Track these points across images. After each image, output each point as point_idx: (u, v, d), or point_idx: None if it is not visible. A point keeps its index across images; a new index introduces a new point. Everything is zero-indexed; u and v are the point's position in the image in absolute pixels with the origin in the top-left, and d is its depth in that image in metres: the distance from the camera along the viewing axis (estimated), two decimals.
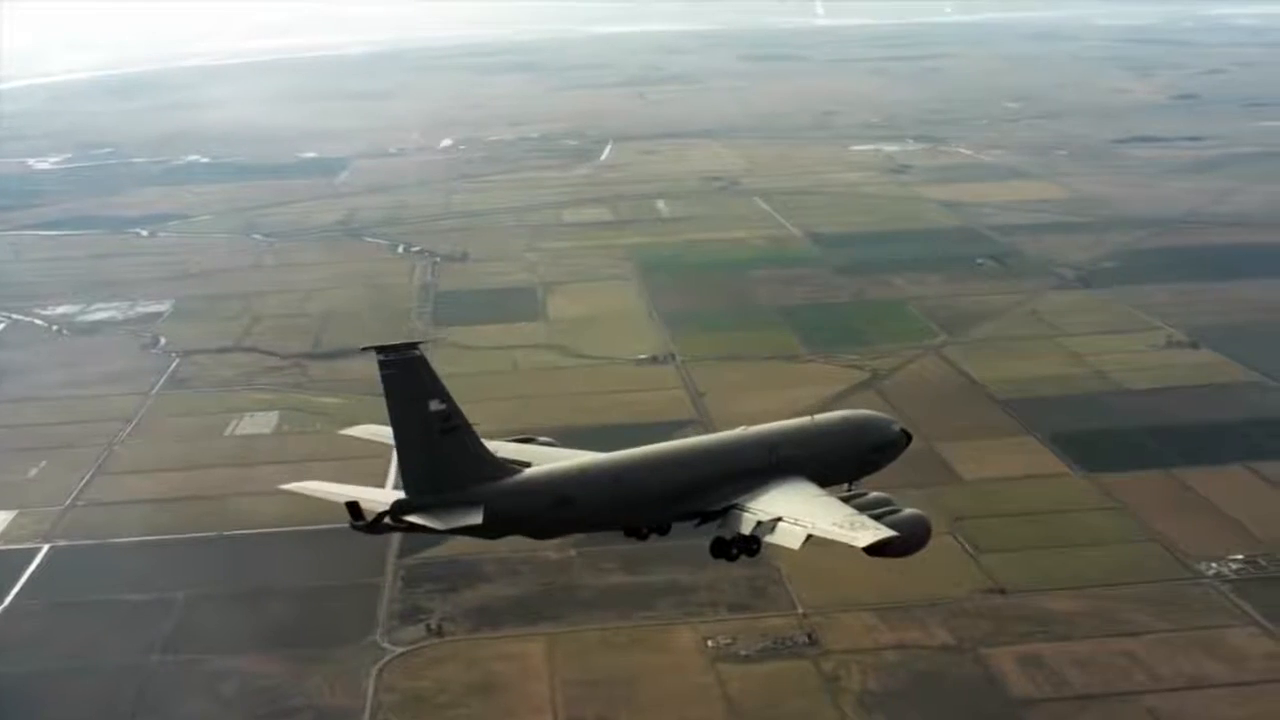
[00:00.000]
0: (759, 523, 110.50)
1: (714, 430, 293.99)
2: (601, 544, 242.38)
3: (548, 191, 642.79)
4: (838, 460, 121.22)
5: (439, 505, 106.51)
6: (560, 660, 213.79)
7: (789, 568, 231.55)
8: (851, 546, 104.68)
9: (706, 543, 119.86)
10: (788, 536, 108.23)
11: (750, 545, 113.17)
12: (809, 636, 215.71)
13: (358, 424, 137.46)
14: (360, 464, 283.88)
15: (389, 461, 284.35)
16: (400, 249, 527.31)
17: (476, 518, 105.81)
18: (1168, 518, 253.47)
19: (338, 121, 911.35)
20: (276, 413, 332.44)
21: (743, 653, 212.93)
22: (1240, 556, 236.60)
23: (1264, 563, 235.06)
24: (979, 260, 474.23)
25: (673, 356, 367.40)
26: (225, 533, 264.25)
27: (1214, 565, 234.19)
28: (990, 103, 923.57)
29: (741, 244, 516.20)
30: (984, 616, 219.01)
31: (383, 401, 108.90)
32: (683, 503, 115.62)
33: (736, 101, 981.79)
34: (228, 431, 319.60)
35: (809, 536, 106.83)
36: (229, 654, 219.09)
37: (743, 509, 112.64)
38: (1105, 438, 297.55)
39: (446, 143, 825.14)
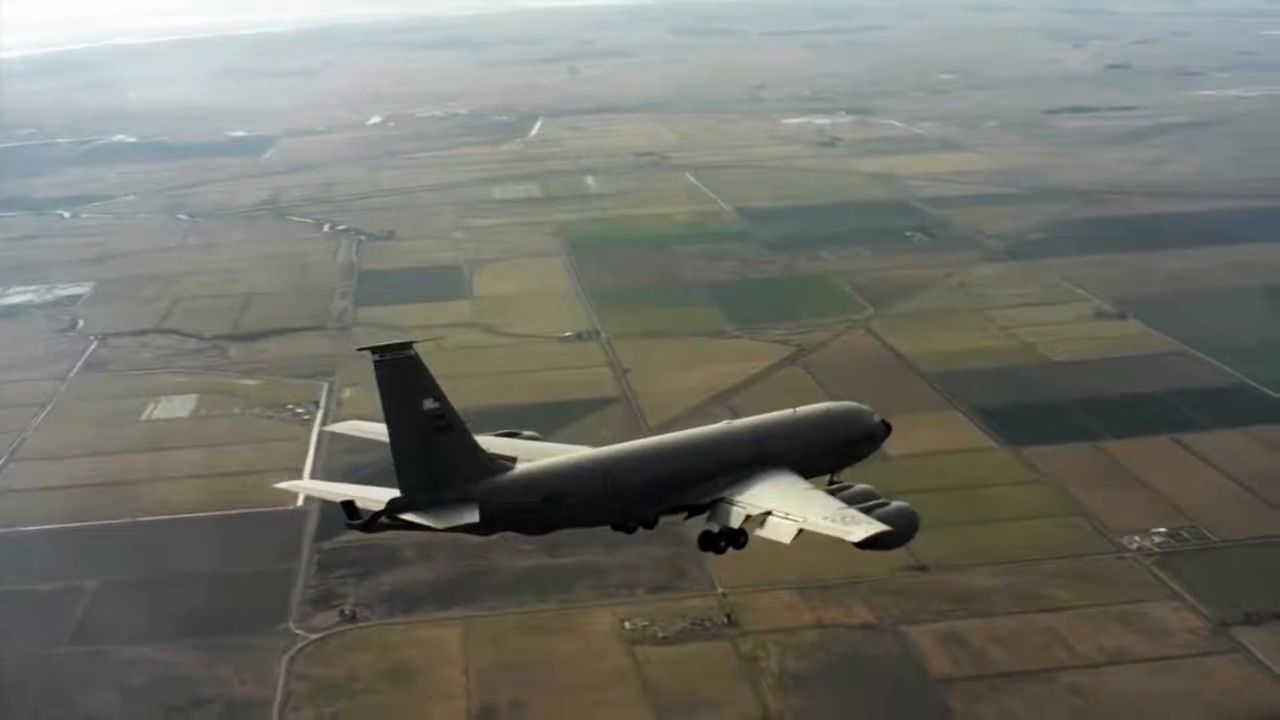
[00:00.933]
0: (748, 516, 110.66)
1: (636, 408, 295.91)
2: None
3: (477, 168, 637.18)
4: (820, 452, 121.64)
5: (434, 503, 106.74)
6: (475, 645, 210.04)
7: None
8: (844, 540, 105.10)
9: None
10: (779, 530, 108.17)
11: (737, 538, 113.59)
12: (728, 617, 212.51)
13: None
14: (277, 447, 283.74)
15: (307, 445, 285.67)
16: (326, 228, 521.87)
17: (473, 516, 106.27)
18: (1091, 491, 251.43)
19: (265, 99, 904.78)
20: (195, 396, 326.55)
21: (660, 635, 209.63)
22: (1163, 529, 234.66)
23: (1186, 535, 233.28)
24: (908, 233, 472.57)
25: (598, 334, 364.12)
26: (138, 519, 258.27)
27: (1137, 539, 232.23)
28: (923, 74, 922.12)
29: (670, 220, 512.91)
30: (905, 594, 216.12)
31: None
32: (671, 497, 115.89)
33: (668, 76, 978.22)
34: (144, 416, 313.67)
35: (800, 530, 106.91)
36: (139, 643, 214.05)
37: (730, 502, 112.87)
38: (1030, 411, 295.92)
39: (375, 120, 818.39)
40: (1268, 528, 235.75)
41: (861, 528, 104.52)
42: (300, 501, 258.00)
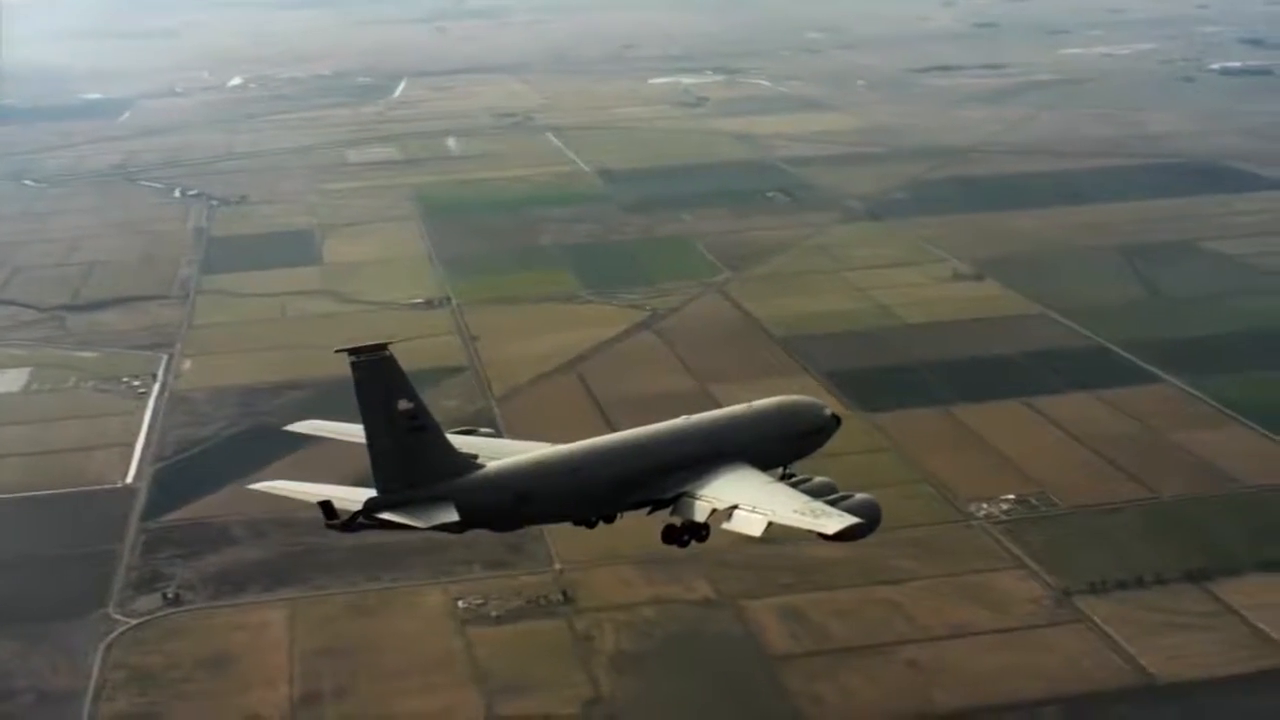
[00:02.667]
0: (714, 510, 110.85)
1: (483, 376, 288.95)
2: None
3: (336, 130, 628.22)
4: (775, 445, 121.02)
5: (410, 502, 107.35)
6: (302, 628, 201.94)
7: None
8: (824, 535, 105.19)
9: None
10: (747, 524, 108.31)
11: (699, 531, 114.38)
12: (564, 594, 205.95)
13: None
14: (110, 423, 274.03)
15: (141, 420, 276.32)
16: (177, 193, 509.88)
17: (452, 515, 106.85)
18: (941, 457, 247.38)
19: (124, 61, 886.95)
20: (28, 370, 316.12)
21: (494, 614, 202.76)
22: (1011, 496, 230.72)
23: (1035, 502, 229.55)
24: (769, 194, 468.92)
25: (449, 300, 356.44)
26: None
27: (984, 506, 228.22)
28: (793, 33, 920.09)
29: (530, 182, 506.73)
30: (747, 567, 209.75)
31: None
32: (635, 492, 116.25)
33: (537, 36, 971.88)
34: None
35: (770, 524, 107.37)
36: None
37: (693, 496, 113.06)
38: (883, 375, 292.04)
39: (235, 81, 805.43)
40: (1115, 493, 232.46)
41: (833, 521, 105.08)
42: (130, 478, 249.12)
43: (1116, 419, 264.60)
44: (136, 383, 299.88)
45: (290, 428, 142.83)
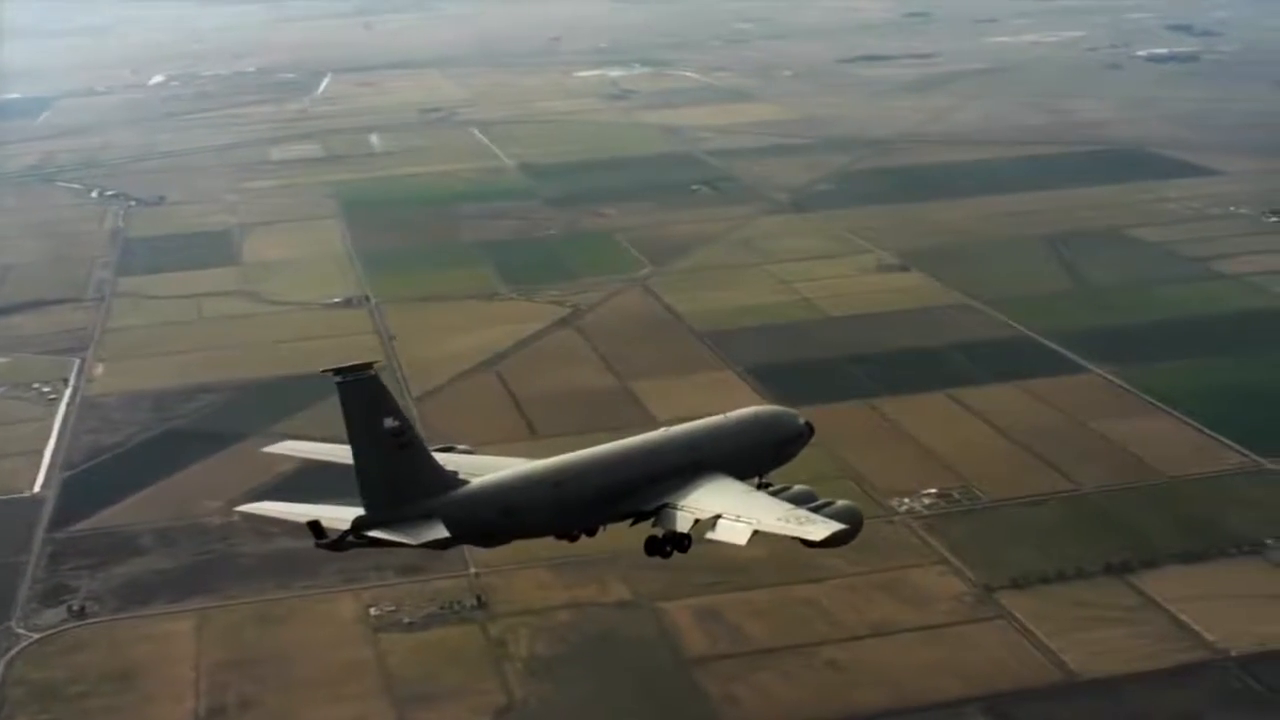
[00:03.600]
0: (697, 521, 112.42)
1: (401, 377, 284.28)
2: None
3: (258, 128, 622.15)
4: (752, 455, 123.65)
5: (398, 520, 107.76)
6: (210, 639, 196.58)
7: None
8: (803, 541, 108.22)
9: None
10: (732, 533, 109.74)
11: (682, 542, 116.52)
12: (478, 599, 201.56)
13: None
14: (19, 430, 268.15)
15: (51, 426, 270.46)
16: (95, 194, 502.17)
17: (441, 532, 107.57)
18: (863, 451, 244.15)
19: (46, 59, 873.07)
20: None
21: (406, 620, 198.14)
22: (934, 491, 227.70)
23: (957, 496, 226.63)
24: (694, 186, 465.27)
25: (367, 299, 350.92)
26: None
27: (906, 501, 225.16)
28: (721, 24, 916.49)
29: (453, 178, 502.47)
30: (664, 568, 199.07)
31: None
32: (618, 504, 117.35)
33: (464, 29, 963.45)
34: None
35: (755, 532, 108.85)
36: None
37: (675, 507, 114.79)
38: (806, 368, 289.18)
39: (158, 79, 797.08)
40: (1037, 485, 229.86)
41: (819, 527, 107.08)
42: (38, 487, 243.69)
43: (1040, 410, 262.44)
44: (47, 389, 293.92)
45: (268, 449, 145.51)
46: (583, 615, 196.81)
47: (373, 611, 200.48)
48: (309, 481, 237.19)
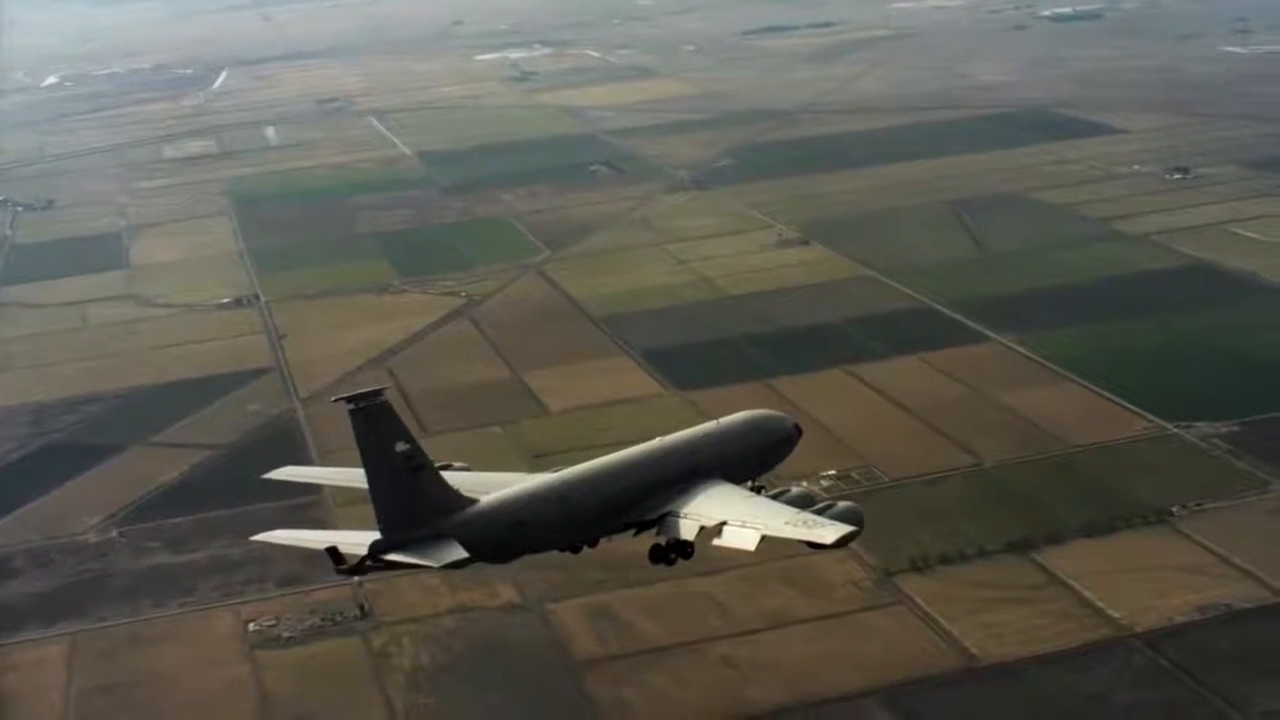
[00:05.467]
0: (702, 527, 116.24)
1: (289, 377, 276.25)
2: (147, 520, 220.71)
3: (152, 126, 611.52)
4: (746, 460, 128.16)
5: (414, 542, 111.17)
6: (81, 664, 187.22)
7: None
8: (810, 544, 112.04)
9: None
10: (739, 538, 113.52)
11: (685, 548, 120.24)
12: (361, 608, 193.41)
13: (282, 468, 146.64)
14: None
15: None
16: None
17: (460, 553, 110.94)
18: None
19: None
20: None
21: (286, 635, 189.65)
22: (832, 472, 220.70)
23: (857, 476, 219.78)
24: (592, 167, 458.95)
25: (257, 298, 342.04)
26: None
27: (804, 484, 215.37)
28: (623, 1, 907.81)
29: (348, 169, 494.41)
30: (554, 567, 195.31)
31: None
32: (622, 515, 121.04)
33: (364, 17, 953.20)
34: None
35: (763, 537, 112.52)
36: None
37: (678, 515, 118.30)
38: (702, 350, 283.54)
39: (51, 80, 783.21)
40: (939, 462, 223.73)
41: (829, 530, 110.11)
42: None
43: (941, 382, 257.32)
44: None
45: (269, 475, 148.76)
46: (469, 621, 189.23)
47: (251, 627, 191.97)
48: (189, 494, 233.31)
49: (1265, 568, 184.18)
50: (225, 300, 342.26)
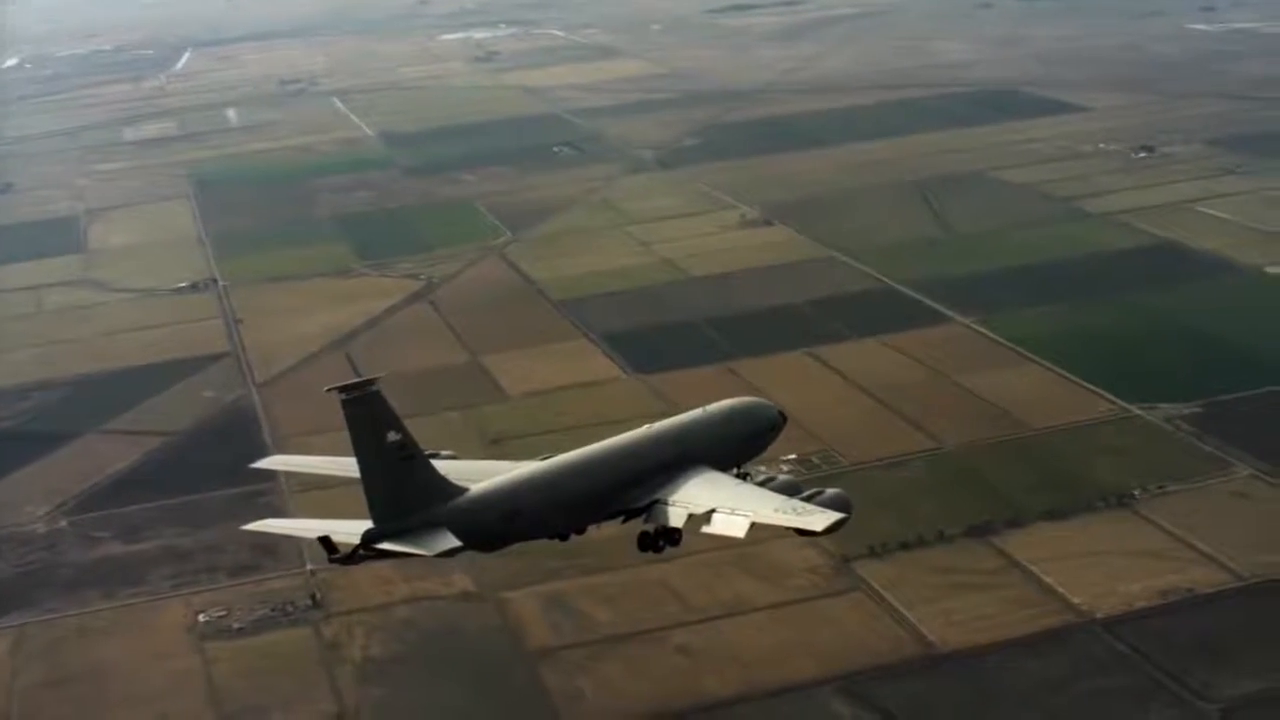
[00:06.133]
0: (691, 515, 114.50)
1: (245, 363, 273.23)
2: (97, 509, 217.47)
3: (113, 108, 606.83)
4: (732, 447, 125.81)
5: (406, 531, 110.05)
6: (26, 658, 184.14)
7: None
8: (800, 531, 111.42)
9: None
10: (729, 526, 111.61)
11: (673, 536, 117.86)
12: (313, 598, 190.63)
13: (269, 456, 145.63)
14: None
15: None
16: None
17: (452, 541, 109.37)
18: None
19: None
20: None
21: (236, 626, 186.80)
22: (792, 456, 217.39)
23: (817, 460, 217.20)
24: (555, 148, 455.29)
25: (215, 282, 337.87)
26: None
27: (762, 470, 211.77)
28: None
29: (310, 151, 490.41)
30: (510, 554, 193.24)
31: None
32: (612, 502, 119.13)
33: None
34: None
35: (752, 524, 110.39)
36: None
37: (666, 503, 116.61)
38: (663, 333, 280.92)
39: (10, 62, 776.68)
40: (899, 445, 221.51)
41: (818, 517, 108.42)
42: None
43: (903, 365, 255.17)
44: None
45: (257, 465, 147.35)
46: (422, 610, 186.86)
47: (201, 618, 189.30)
48: (141, 482, 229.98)
49: (1227, 551, 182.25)
50: (182, 285, 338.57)
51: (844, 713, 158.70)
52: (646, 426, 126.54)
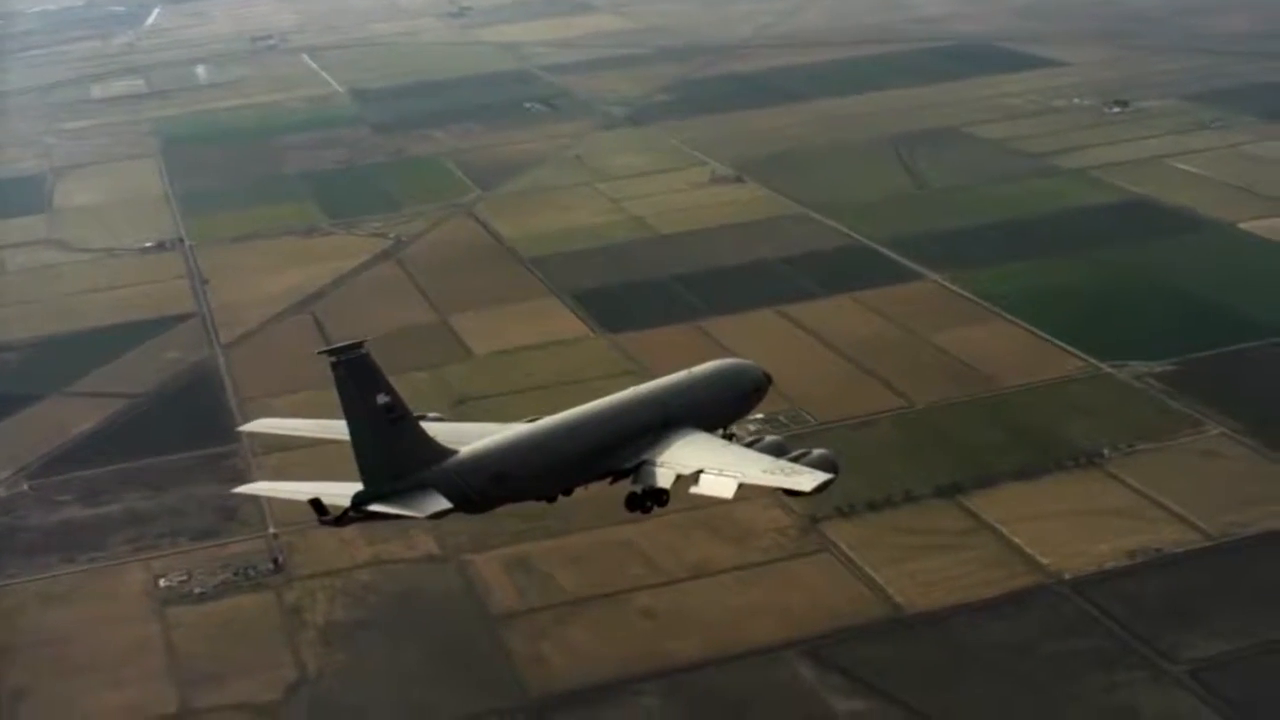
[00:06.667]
0: (679, 476, 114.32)
1: (211, 323, 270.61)
2: (59, 473, 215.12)
3: (82, 65, 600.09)
4: (718, 408, 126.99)
5: (396, 493, 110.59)
6: None
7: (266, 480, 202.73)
8: (788, 492, 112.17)
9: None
10: (717, 486, 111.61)
11: (661, 496, 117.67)
12: (275, 562, 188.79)
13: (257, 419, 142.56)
14: None
15: None
16: None
17: (442, 503, 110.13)
18: None
19: None
20: None
21: (197, 590, 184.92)
22: (760, 415, 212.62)
23: (785, 420, 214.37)
24: (527, 104, 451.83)
25: (181, 241, 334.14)
26: None
27: (732, 429, 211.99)
28: None
29: (280, 108, 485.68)
30: (475, 517, 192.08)
31: None
32: (599, 464, 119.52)
33: None
34: None
35: (740, 485, 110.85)
36: None
37: (653, 464, 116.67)
38: (632, 291, 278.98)
39: None
40: (868, 404, 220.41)
41: (806, 478, 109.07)
42: None
43: (874, 322, 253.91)
44: None
45: (244, 428, 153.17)
46: (385, 573, 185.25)
47: (162, 583, 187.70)
48: (104, 444, 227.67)
49: (1197, 511, 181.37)
50: (148, 244, 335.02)
51: (809, 676, 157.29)
52: (633, 388, 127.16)
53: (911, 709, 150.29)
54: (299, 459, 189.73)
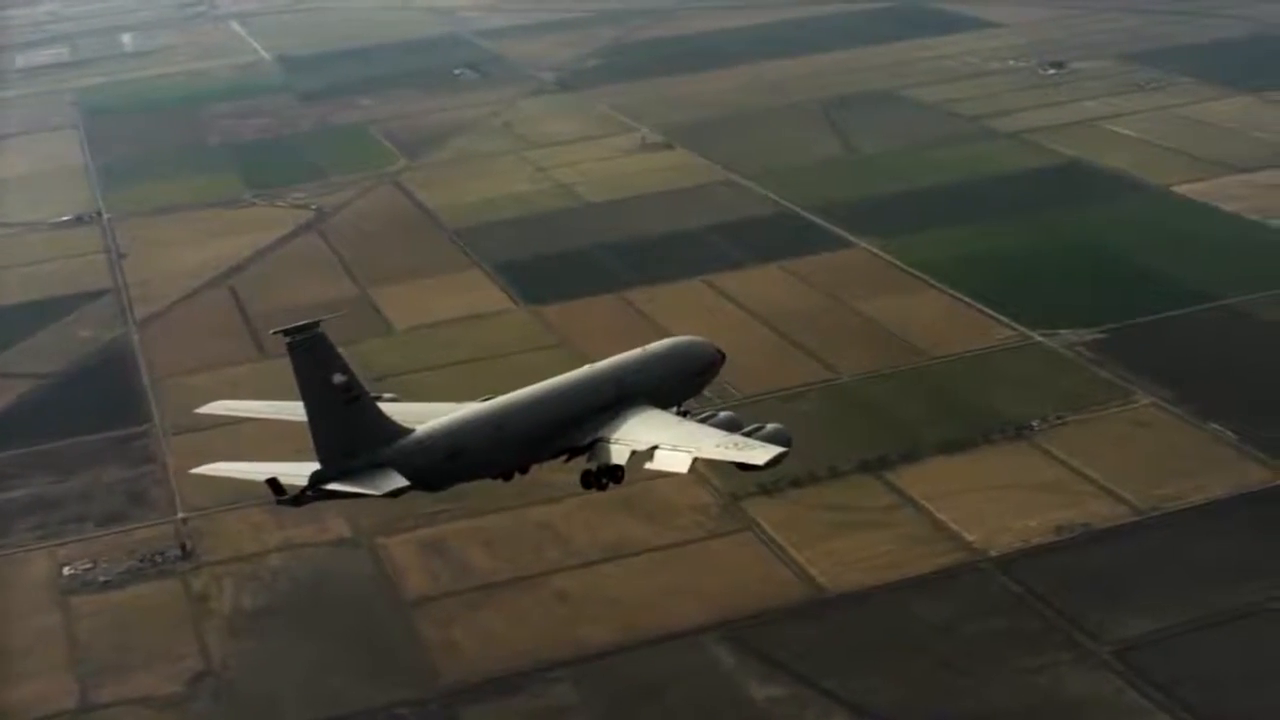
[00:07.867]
0: (634, 452, 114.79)
1: (126, 299, 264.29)
2: None
3: (4, 34, 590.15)
4: (673, 385, 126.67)
5: (353, 472, 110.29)
6: None
7: (178, 462, 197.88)
8: (742, 466, 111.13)
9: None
10: (672, 462, 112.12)
11: (616, 473, 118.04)
12: (183, 548, 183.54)
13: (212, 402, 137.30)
14: None
15: None
16: None
17: (400, 481, 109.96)
18: (608, 349, 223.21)
19: None
20: None
21: (103, 579, 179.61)
22: None
23: (708, 393, 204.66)
24: (456, 70, 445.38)
25: (99, 215, 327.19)
26: None
27: (686, 405, 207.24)
28: None
29: (205, 76, 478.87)
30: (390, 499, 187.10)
31: None
32: (555, 441, 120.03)
33: None
34: None
35: (694, 460, 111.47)
36: None
37: (608, 441, 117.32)
38: (556, 262, 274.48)
39: None
40: (795, 376, 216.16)
41: (759, 451, 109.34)
42: None
43: (801, 291, 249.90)
44: None
45: (201, 410, 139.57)
46: (296, 558, 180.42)
47: (66, 571, 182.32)
48: (11, 427, 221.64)
49: (1125, 484, 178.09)
50: (66, 218, 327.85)
51: (728, 660, 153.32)
52: (588, 366, 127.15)
53: (830, 694, 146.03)
54: (212, 438, 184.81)
